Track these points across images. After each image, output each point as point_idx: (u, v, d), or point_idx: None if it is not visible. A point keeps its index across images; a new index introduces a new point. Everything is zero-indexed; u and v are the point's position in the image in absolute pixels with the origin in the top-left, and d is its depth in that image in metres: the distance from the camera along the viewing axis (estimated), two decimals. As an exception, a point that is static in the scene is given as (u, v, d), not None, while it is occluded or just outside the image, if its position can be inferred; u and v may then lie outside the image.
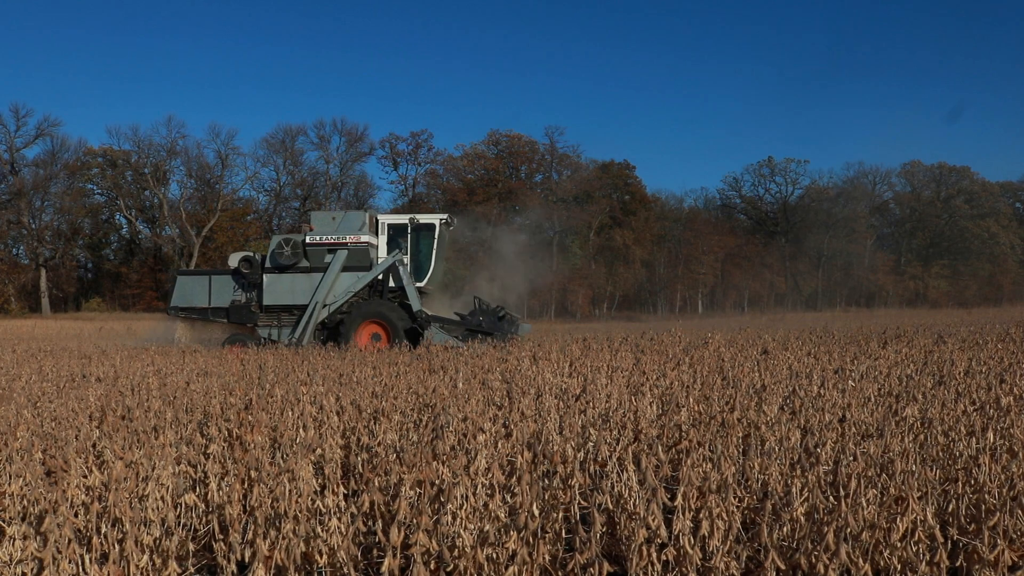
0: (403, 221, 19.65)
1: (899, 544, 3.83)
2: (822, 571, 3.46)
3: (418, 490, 4.27)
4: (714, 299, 73.23)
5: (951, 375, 8.14)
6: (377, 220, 19.74)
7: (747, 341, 15.07)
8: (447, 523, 4.02)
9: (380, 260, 19.17)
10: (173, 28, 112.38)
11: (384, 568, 3.41)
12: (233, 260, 19.63)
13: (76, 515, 4.27)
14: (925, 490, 4.30)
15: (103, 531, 3.77)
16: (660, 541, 3.66)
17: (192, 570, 4.18)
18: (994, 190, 77.87)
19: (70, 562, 3.42)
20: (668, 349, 12.95)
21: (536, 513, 3.76)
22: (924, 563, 3.65)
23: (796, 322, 33.96)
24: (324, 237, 18.97)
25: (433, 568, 3.80)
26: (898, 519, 3.87)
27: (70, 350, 18.12)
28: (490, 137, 76.78)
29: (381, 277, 18.94)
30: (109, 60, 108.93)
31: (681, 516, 3.75)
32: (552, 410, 6.50)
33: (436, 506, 4.26)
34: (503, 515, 3.97)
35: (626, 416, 6.05)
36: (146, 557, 3.82)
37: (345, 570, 3.85)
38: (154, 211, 72.85)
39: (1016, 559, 3.75)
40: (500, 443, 5.22)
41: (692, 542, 3.70)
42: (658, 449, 5.00)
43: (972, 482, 4.44)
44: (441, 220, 19.67)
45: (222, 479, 4.94)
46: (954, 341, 13.50)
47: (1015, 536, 4.00)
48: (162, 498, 4.40)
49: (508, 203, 69.99)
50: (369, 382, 8.86)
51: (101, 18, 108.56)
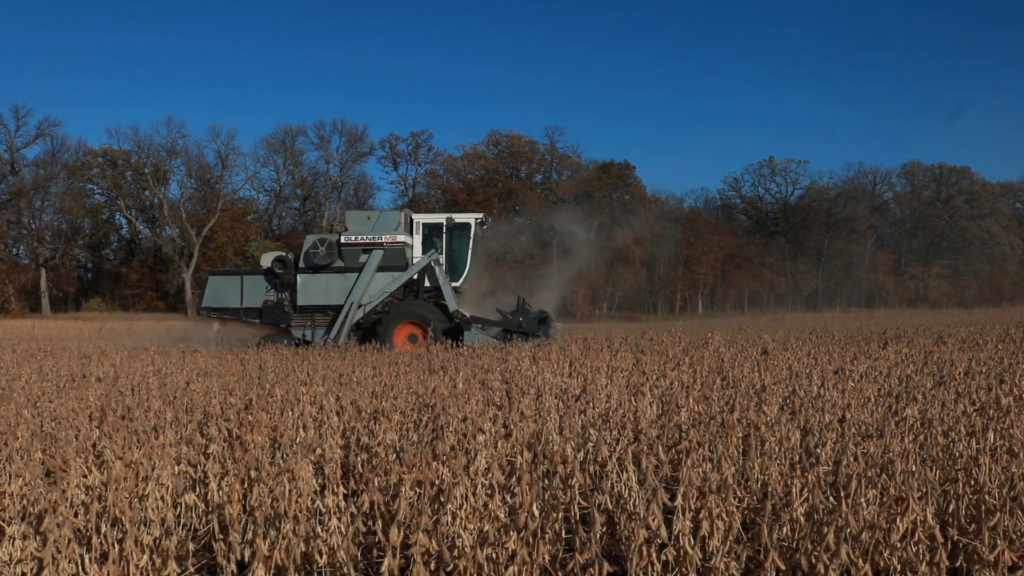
0: (438, 220, 19.52)
1: (899, 544, 3.83)
2: (822, 571, 3.46)
3: (418, 490, 4.26)
4: (714, 299, 73.26)
5: (951, 375, 8.14)
6: (412, 219, 19.59)
7: (747, 341, 15.06)
8: (447, 523, 4.02)
9: (415, 260, 19.03)
10: (173, 28, 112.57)
11: (384, 568, 3.40)
12: (266, 260, 19.47)
13: (76, 515, 4.27)
14: (925, 490, 4.30)
15: (103, 531, 3.77)
16: (660, 541, 3.66)
17: (192, 570, 4.18)
18: (994, 190, 77.92)
19: (70, 562, 3.41)
20: (668, 349, 12.95)
21: (536, 513, 3.76)
22: (924, 563, 3.65)
23: (796, 322, 33.96)
24: (360, 237, 18.85)
25: (433, 568, 3.80)
26: (898, 519, 3.87)
27: (70, 350, 18.12)
28: (490, 137, 76.93)
29: (416, 277, 18.83)
30: (109, 60, 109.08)
31: (681, 516, 3.75)
32: (552, 410, 6.50)
33: (436, 506, 4.26)
34: (503, 515, 3.97)
35: (626, 416, 6.05)
36: (146, 557, 3.82)
37: (345, 570, 3.85)
38: (154, 211, 72.88)
39: (1016, 559, 3.75)
40: (500, 443, 5.22)
41: (692, 542, 3.70)
42: (658, 449, 5.00)
43: (972, 482, 4.44)
44: (476, 219, 19.59)
45: (222, 479, 4.94)
46: (954, 341, 13.50)
47: (1015, 536, 4.00)
48: (162, 498, 4.40)
49: (508, 203, 70.02)
50: (369, 382, 8.86)
51: (101, 18, 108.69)
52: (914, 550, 3.76)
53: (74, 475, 4.56)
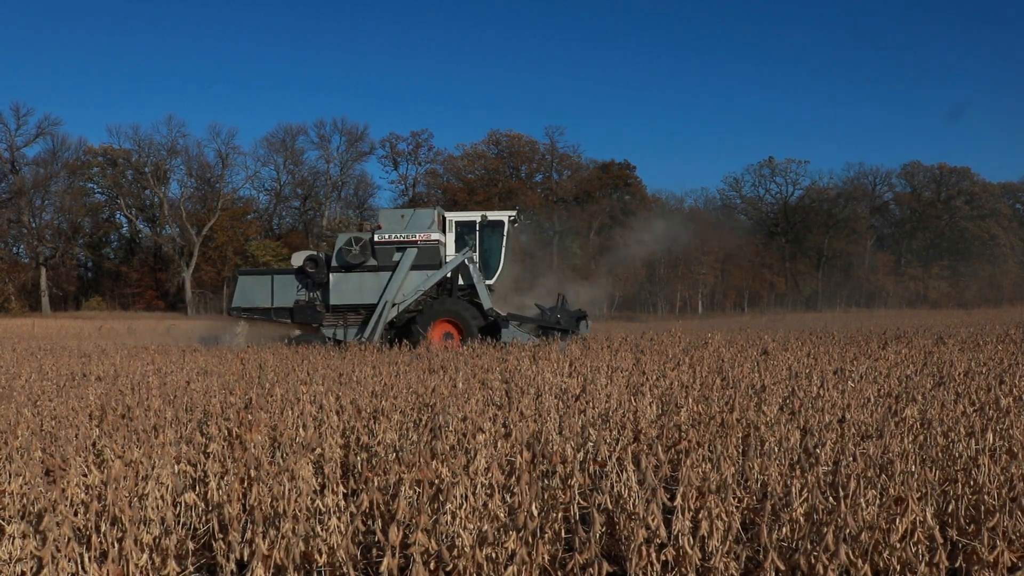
0: (472, 219, 19.42)
1: (898, 545, 3.83)
2: (821, 572, 3.46)
3: (417, 490, 4.27)
4: (714, 299, 73.26)
5: (951, 376, 8.14)
6: (444, 217, 19.47)
7: (747, 341, 15.07)
8: (446, 523, 4.02)
9: (448, 258, 18.98)
10: (173, 28, 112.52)
11: (383, 567, 3.40)
12: (297, 259, 19.33)
13: (75, 514, 4.27)
14: (925, 491, 4.30)
15: (102, 530, 3.77)
16: (659, 541, 3.66)
17: (191, 569, 4.18)
18: (994, 191, 77.89)
19: (69, 561, 3.42)
20: (668, 349, 12.95)
21: (535, 513, 3.76)
22: (923, 564, 3.65)
23: (796, 322, 33.97)
24: (393, 235, 18.78)
25: (432, 568, 3.80)
26: (897, 520, 3.87)
27: (70, 349, 18.12)
28: (490, 137, 76.95)
29: (450, 275, 18.76)
30: (109, 59, 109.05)
31: (681, 516, 3.75)
32: (552, 410, 6.50)
33: (435, 506, 4.26)
34: (502, 515, 3.97)
35: (626, 416, 6.05)
36: (145, 556, 3.82)
37: (344, 569, 3.85)
38: (154, 210, 72.87)
39: (1015, 560, 3.75)
40: (499, 443, 5.22)
41: (691, 542, 3.70)
42: (658, 449, 5.00)
43: (971, 483, 4.44)
44: (509, 217, 19.49)
45: (222, 478, 4.94)
46: (954, 342, 13.51)
47: (1014, 537, 4.00)
48: (161, 497, 4.40)
49: (508, 203, 70.00)
50: (369, 382, 8.86)
51: (101, 18, 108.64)
52: (913, 550, 3.76)
53: (74, 474, 4.56)
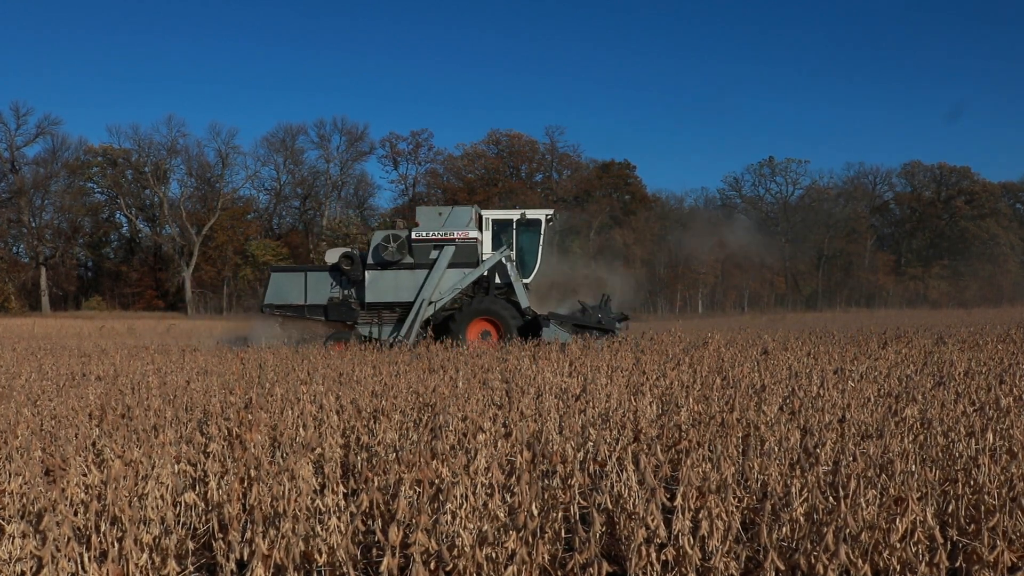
0: (508, 217, 19.28)
1: (898, 545, 3.83)
2: (821, 571, 3.46)
3: (417, 489, 4.27)
4: (714, 299, 73.23)
5: (951, 376, 8.14)
6: (481, 215, 19.35)
7: (747, 341, 15.07)
8: (446, 522, 4.02)
9: (485, 256, 18.89)
10: (173, 27, 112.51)
11: (383, 567, 3.40)
12: (331, 256, 19.19)
13: (75, 513, 4.27)
14: (925, 491, 4.30)
15: (102, 529, 3.77)
16: (659, 541, 3.66)
17: (191, 569, 4.18)
18: (995, 191, 77.85)
19: (69, 560, 3.41)
20: (668, 349, 12.95)
21: (535, 513, 3.76)
22: (924, 564, 3.65)
23: (796, 322, 33.97)
24: (431, 233, 18.69)
25: (432, 567, 3.80)
26: (898, 520, 3.87)
27: (70, 348, 18.12)
28: (490, 136, 76.97)
29: (486, 273, 18.68)
30: (109, 59, 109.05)
31: (680, 516, 3.75)
32: (552, 410, 6.50)
33: (435, 505, 4.26)
34: (502, 515, 3.96)
35: (626, 416, 6.05)
36: (145, 556, 3.82)
37: (344, 569, 3.85)
38: (154, 210, 72.88)
39: (1015, 560, 3.75)
40: (500, 443, 5.22)
41: (691, 542, 3.70)
42: (657, 449, 5.00)
43: (972, 483, 4.44)
44: (546, 216, 19.38)
45: (222, 478, 4.94)
46: (954, 342, 13.50)
47: (1014, 537, 4.00)
48: (161, 497, 4.40)
49: (508, 203, 70.01)
50: (369, 381, 8.86)
51: (101, 17, 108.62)
52: (913, 550, 3.76)
53: (74, 474, 4.56)
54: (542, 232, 19.20)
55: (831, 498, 4.15)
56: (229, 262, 68.52)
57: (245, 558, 3.67)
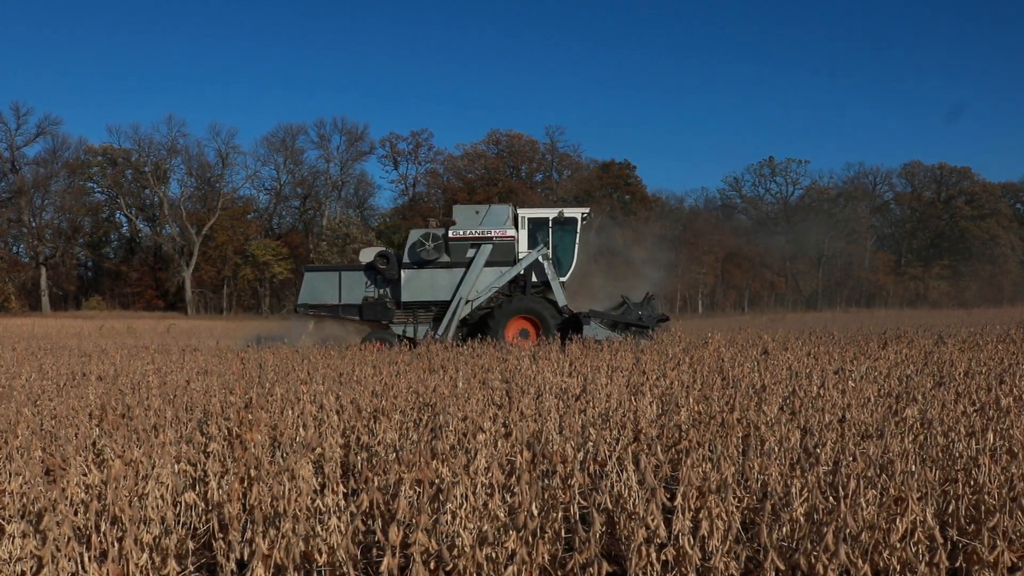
0: (545, 215, 19.25)
1: (898, 545, 3.83)
2: (821, 571, 3.46)
3: (417, 489, 4.27)
4: (714, 299, 73.22)
5: (951, 376, 8.14)
6: (517, 214, 19.30)
7: (747, 341, 15.06)
8: (446, 522, 4.02)
9: (520, 255, 18.84)
10: (173, 27, 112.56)
11: (383, 567, 3.40)
12: (366, 255, 19.19)
13: (75, 513, 4.27)
14: (925, 491, 4.30)
15: (102, 529, 3.77)
16: (659, 541, 3.66)
17: (191, 568, 4.18)
18: (995, 191, 77.87)
19: (69, 560, 3.41)
20: (668, 349, 12.95)
21: (535, 513, 3.76)
22: (924, 564, 3.64)
23: (796, 322, 33.96)
24: (468, 231, 18.66)
25: (432, 567, 3.80)
26: (898, 520, 3.87)
27: (70, 348, 18.11)
28: (490, 136, 76.96)
29: (523, 272, 18.64)
30: (110, 59, 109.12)
31: (681, 516, 3.75)
32: (552, 410, 6.50)
33: (435, 505, 4.26)
34: (502, 515, 3.96)
35: (626, 416, 6.05)
36: (145, 555, 3.82)
37: (344, 569, 3.85)
38: (154, 210, 72.90)
39: (1015, 560, 3.75)
40: (500, 443, 5.22)
41: (691, 542, 3.70)
42: (658, 449, 5.00)
43: (972, 483, 4.44)
44: (582, 214, 19.36)
45: (222, 478, 4.94)
46: (954, 342, 13.50)
47: (1015, 537, 4.00)
48: (161, 496, 4.40)
49: (508, 203, 70.04)
50: (369, 381, 8.86)
51: (101, 17, 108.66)
52: (914, 550, 3.76)
53: (74, 473, 4.56)
54: (578, 230, 19.19)
55: (831, 498, 4.15)
56: (229, 262, 68.52)
57: (245, 558, 3.67)
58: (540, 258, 18.59)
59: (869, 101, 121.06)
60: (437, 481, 4.46)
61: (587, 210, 19.67)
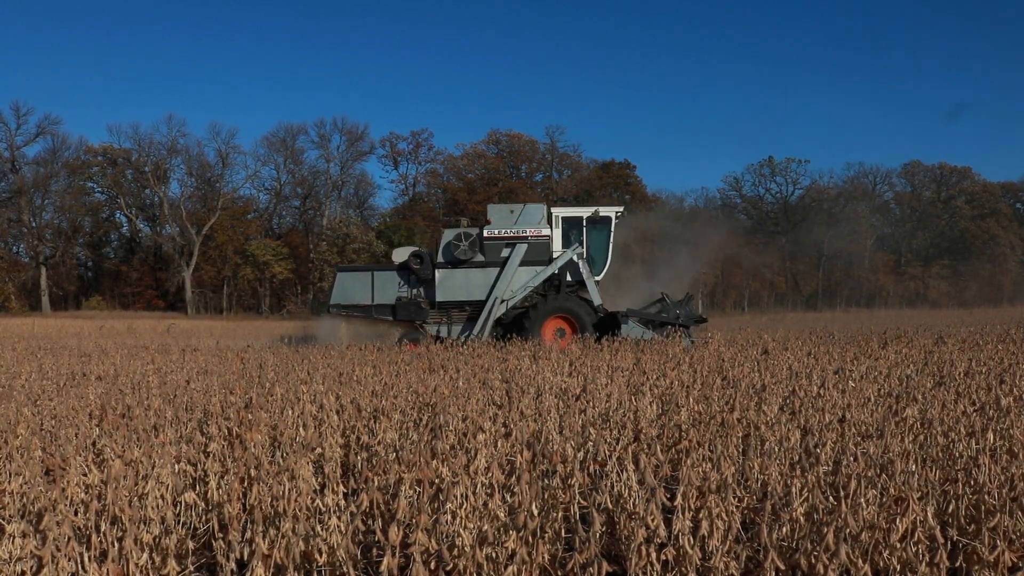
0: (578, 214, 19.24)
1: (899, 545, 3.83)
2: (821, 571, 3.46)
3: (417, 489, 4.26)
4: (714, 299, 73.20)
5: (951, 376, 8.14)
6: (551, 213, 19.27)
7: (747, 341, 15.06)
8: (446, 522, 4.02)
9: (555, 254, 18.83)
10: (174, 27, 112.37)
11: (383, 567, 3.40)
12: (399, 255, 19.14)
13: (75, 513, 4.27)
14: (925, 491, 4.30)
15: (102, 529, 3.77)
16: (660, 541, 3.66)
17: (191, 568, 4.18)
18: (995, 191, 77.88)
19: (69, 560, 3.41)
20: (668, 349, 12.95)
21: (535, 512, 3.76)
22: (924, 564, 3.64)
23: (796, 322, 33.96)
24: (503, 230, 18.67)
25: (432, 567, 3.80)
26: (898, 519, 3.87)
27: (70, 348, 18.11)
28: (490, 136, 76.94)
29: (558, 271, 18.65)
30: (110, 58, 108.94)
31: (681, 516, 3.75)
32: (552, 410, 6.50)
33: (435, 505, 4.26)
34: (502, 514, 3.96)
35: (626, 416, 6.05)
36: (145, 555, 3.82)
37: (344, 569, 3.85)
38: (154, 210, 72.88)
39: (1016, 560, 3.75)
40: (500, 442, 5.22)
41: (692, 542, 3.69)
42: (658, 449, 5.00)
43: (972, 483, 4.44)
44: (616, 213, 19.36)
45: (222, 477, 4.94)
46: (954, 341, 13.50)
47: (1015, 537, 4.00)
48: (161, 496, 4.40)
49: (509, 203, 70.03)
50: (369, 381, 8.86)
51: (101, 17, 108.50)
52: (914, 550, 3.76)
53: (74, 473, 4.56)
54: (612, 229, 19.20)
55: (831, 498, 4.15)
56: (229, 262, 68.50)
57: (245, 558, 3.67)
58: (575, 257, 18.58)
59: (869, 101, 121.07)
60: (437, 481, 4.45)
61: (621, 208, 19.67)
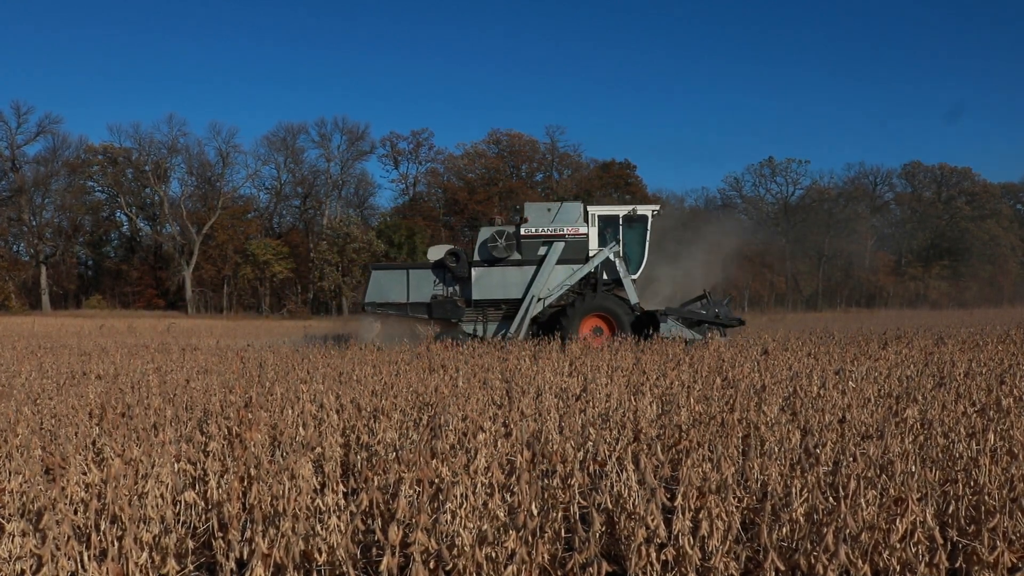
0: (615, 213, 19.12)
1: (898, 545, 3.83)
2: (821, 572, 3.46)
3: (417, 489, 4.26)
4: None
5: (951, 376, 8.13)
6: (587, 211, 19.15)
7: (747, 341, 15.06)
8: (446, 522, 4.01)
9: (591, 252, 18.78)
10: (174, 26, 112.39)
11: (383, 567, 3.40)
12: (435, 253, 19.09)
13: (75, 512, 4.27)
14: (925, 491, 4.29)
15: (102, 528, 3.77)
16: (659, 541, 3.66)
17: (191, 568, 4.18)
18: (995, 191, 77.88)
19: (69, 559, 3.41)
20: (668, 349, 12.95)
21: (535, 512, 3.76)
22: (923, 564, 3.64)
23: (796, 322, 33.95)
24: (540, 229, 18.61)
25: (432, 567, 3.80)
26: (898, 520, 3.87)
27: (70, 347, 18.12)
28: (491, 136, 77.00)
29: (595, 270, 18.61)
30: (110, 58, 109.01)
31: (681, 516, 3.75)
32: (552, 410, 6.50)
33: (435, 505, 4.26)
34: (502, 514, 3.96)
35: (626, 416, 6.05)
36: (145, 554, 3.82)
37: (344, 568, 3.84)
38: (155, 209, 72.90)
39: (1015, 561, 3.74)
40: (500, 442, 5.21)
41: (691, 542, 3.69)
42: (658, 449, 5.00)
43: (972, 483, 4.44)
44: (653, 211, 19.26)
45: (221, 477, 4.94)
46: (954, 342, 13.50)
47: (1015, 538, 4.00)
48: (161, 496, 4.40)
49: (509, 202, 70.01)
50: (369, 380, 8.85)
51: (102, 16, 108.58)
52: (913, 551, 3.76)
53: (73, 472, 4.56)
54: (648, 228, 19.11)
55: (831, 498, 4.15)
56: (229, 261, 68.50)
57: (245, 557, 3.67)
58: (612, 256, 18.54)
59: (869, 101, 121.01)
60: (437, 481, 4.45)
61: (657, 207, 19.58)
